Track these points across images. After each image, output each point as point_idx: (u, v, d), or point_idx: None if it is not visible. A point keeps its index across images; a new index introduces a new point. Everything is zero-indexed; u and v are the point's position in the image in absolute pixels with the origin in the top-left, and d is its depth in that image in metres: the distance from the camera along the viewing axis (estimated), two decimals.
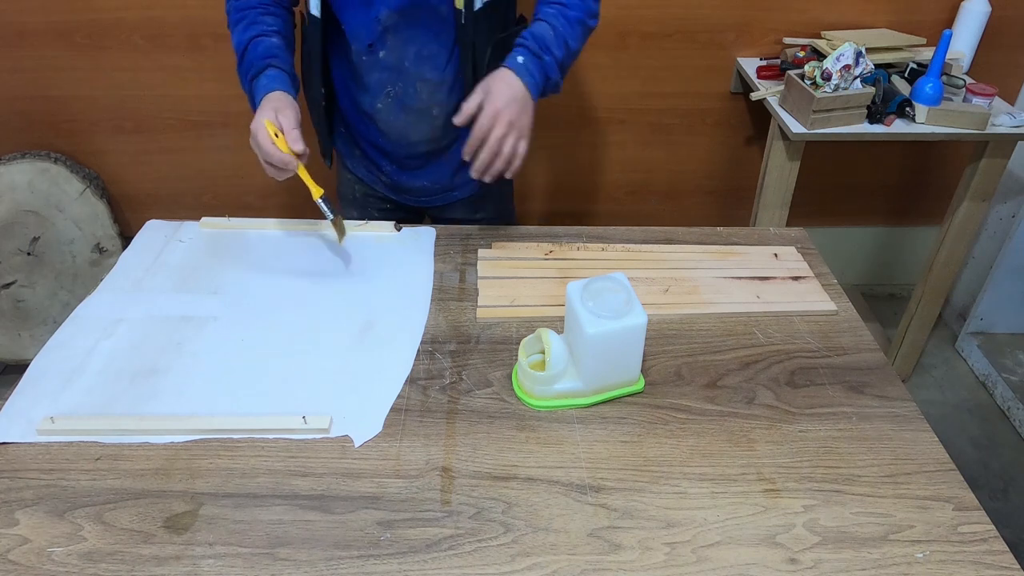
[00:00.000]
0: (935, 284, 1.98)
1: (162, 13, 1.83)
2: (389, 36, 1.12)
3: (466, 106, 1.03)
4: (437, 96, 1.19)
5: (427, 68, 1.15)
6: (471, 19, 1.10)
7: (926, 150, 2.22)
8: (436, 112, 1.21)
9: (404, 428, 0.85)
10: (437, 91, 1.18)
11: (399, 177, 1.32)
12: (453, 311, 1.03)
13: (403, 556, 0.71)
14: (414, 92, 1.18)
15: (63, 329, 0.98)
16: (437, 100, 1.19)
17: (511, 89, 1.03)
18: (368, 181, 1.37)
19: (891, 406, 0.90)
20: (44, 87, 1.94)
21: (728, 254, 1.16)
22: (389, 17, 1.09)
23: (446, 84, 1.18)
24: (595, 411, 0.88)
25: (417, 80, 1.16)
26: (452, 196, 1.35)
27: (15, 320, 2.07)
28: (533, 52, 1.06)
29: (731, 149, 2.17)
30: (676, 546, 0.72)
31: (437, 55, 1.15)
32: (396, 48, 1.13)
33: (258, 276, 1.09)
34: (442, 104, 1.20)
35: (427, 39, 1.13)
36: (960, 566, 0.71)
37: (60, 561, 0.70)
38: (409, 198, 1.36)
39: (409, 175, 1.31)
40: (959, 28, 1.85)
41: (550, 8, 1.11)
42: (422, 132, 1.24)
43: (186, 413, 0.85)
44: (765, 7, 1.90)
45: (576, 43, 1.11)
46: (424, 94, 1.18)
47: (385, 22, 1.10)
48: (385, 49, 1.13)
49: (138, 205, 2.18)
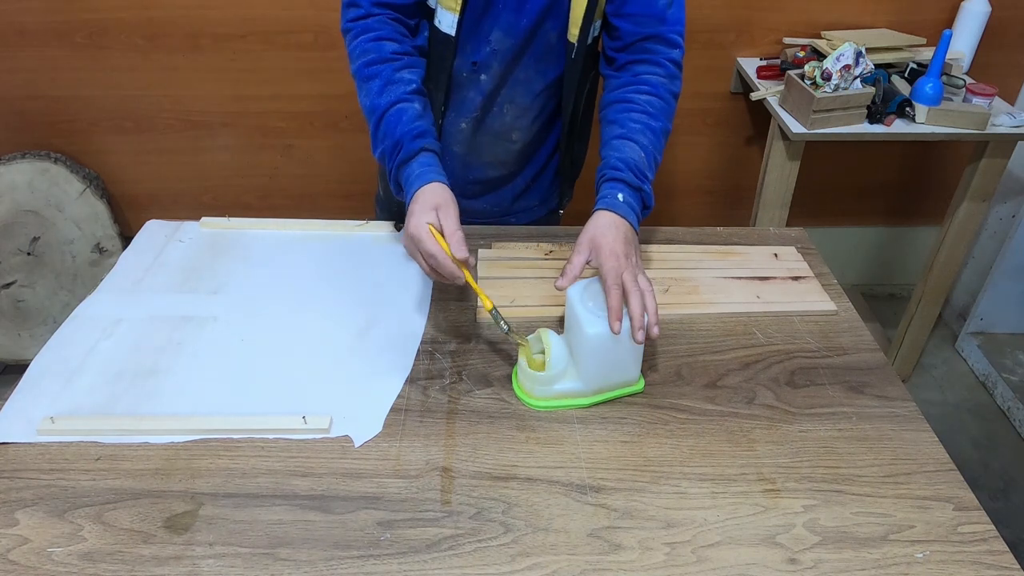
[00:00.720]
0: (935, 284, 1.98)
1: (162, 13, 1.83)
2: (495, 60, 1.08)
3: (570, 268, 0.90)
4: (521, 121, 1.16)
5: (519, 92, 1.12)
6: (581, 53, 1.07)
7: (926, 150, 2.22)
8: (515, 137, 1.18)
9: (404, 428, 0.85)
10: (523, 116, 1.15)
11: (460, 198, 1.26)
12: (453, 311, 1.03)
13: (403, 556, 0.71)
14: (500, 114, 1.14)
15: (63, 329, 0.98)
16: (520, 125, 1.16)
17: (618, 232, 0.90)
18: None
19: (891, 406, 0.90)
20: (44, 87, 1.94)
21: (728, 254, 1.16)
22: (501, 41, 1.06)
23: (533, 112, 1.15)
24: (595, 411, 0.88)
25: (506, 103, 1.13)
26: (507, 221, 1.32)
27: (15, 320, 2.07)
28: (632, 186, 0.96)
29: (731, 149, 2.17)
30: (676, 546, 0.72)
31: (534, 81, 1.11)
32: (498, 72, 1.09)
33: (258, 276, 1.08)
34: (523, 129, 1.17)
35: (530, 66, 1.10)
36: (960, 566, 0.71)
37: (60, 561, 0.69)
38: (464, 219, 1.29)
39: (468, 200, 1.25)
40: (959, 28, 1.85)
41: (634, 123, 1.00)
42: (496, 155, 1.20)
43: (186, 413, 0.85)
44: (765, 7, 1.90)
45: (661, 156, 1.04)
46: (509, 117, 1.15)
47: (495, 45, 1.06)
48: (487, 72, 1.09)
49: (138, 205, 2.18)
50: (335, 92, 1.99)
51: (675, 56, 1.06)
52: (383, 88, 0.98)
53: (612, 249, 0.88)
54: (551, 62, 1.10)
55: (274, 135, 2.07)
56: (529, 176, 1.28)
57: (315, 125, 2.06)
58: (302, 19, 1.87)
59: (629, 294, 0.84)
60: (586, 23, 1.04)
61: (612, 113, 1.04)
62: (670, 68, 1.05)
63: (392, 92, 0.98)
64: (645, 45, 1.05)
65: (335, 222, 1.21)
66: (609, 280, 0.85)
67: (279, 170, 2.14)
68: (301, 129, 2.07)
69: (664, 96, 1.04)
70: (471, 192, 1.26)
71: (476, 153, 1.20)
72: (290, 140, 2.09)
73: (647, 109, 1.02)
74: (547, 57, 1.09)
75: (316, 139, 2.09)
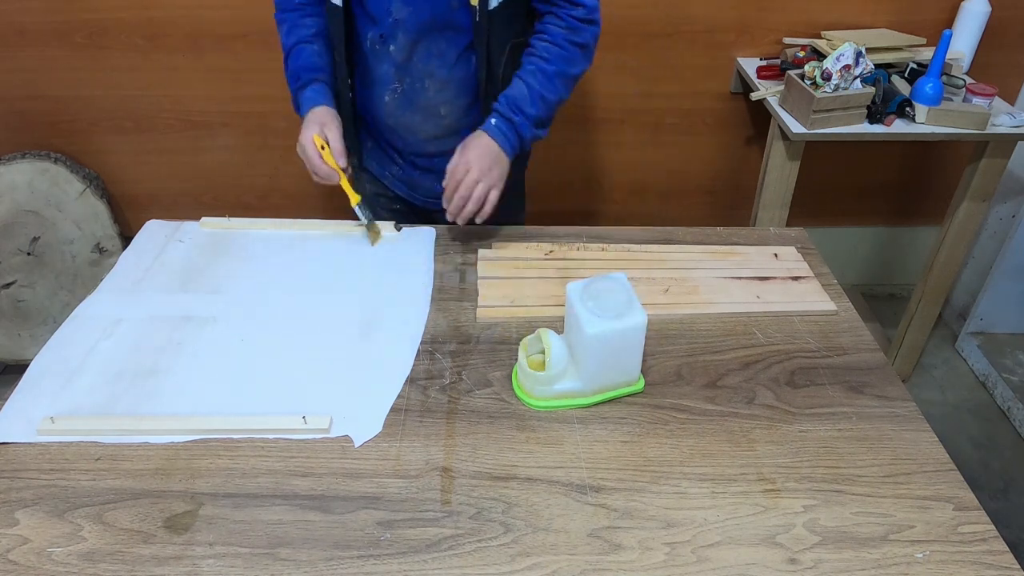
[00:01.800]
0: (935, 284, 1.98)
1: (162, 13, 1.83)
2: (400, 30, 1.12)
3: (449, 167, 1.11)
4: (444, 94, 1.19)
5: (436, 65, 1.16)
6: (486, 18, 1.10)
7: (926, 150, 2.22)
8: (444, 112, 1.21)
9: (404, 428, 0.85)
10: (445, 89, 1.18)
11: (411, 173, 1.33)
12: (453, 311, 1.03)
13: (403, 556, 0.71)
14: (422, 88, 1.18)
15: (63, 329, 0.98)
16: (444, 98, 1.20)
17: (484, 146, 1.11)
18: (380, 176, 1.37)
19: (891, 406, 0.90)
20: (44, 87, 1.94)
21: (728, 254, 1.16)
22: (400, 10, 1.10)
23: (454, 83, 1.18)
24: (595, 411, 0.88)
25: (425, 76, 1.17)
26: None
27: (15, 320, 2.07)
28: (504, 116, 1.13)
29: (731, 149, 2.17)
30: (676, 546, 0.72)
31: (446, 52, 1.15)
32: (406, 42, 1.13)
33: (258, 276, 1.09)
34: (449, 103, 1.20)
35: (438, 35, 1.13)
36: (960, 566, 0.71)
37: (60, 561, 0.69)
38: (418, 196, 1.36)
39: (420, 173, 1.32)
40: (959, 28, 1.85)
41: (530, 64, 1.15)
42: (429, 130, 1.24)
43: (186, 413, 0.85)
44: (765, 7, 1.90)
45: (556, 94, 1.16)
46: (432, 91, 1.18)
47: (396, 14, 1.11)
48: (395, 43, 1.14)
49: (138, 205, 2.18)
50: None
51: (576, 13, 1.13)
52: (289, 31, 1.19)
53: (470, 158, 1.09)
54: (460, 29, 1.13)
55: (274, 135, 2.07)
56: None
57: None
58: None
59: (460, 187, 1.07)
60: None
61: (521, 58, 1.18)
62: (571, 22, 1.14)
63: (295, 35, 1.19)
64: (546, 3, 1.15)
65: (335, 222, 1.21)
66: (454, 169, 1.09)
67: (279, 170, 2.14)
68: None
69: (561, 43, 1.14)
70: (421, 166, 1.31)
71: (410, 129, 1.25)
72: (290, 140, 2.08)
73: (543, 55, 1.14)
74: (453, 24, 1.12)
75: None
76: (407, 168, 1.32)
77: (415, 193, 1.36)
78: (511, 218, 1.42)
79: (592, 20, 1.14)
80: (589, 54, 1.18)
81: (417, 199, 1.36)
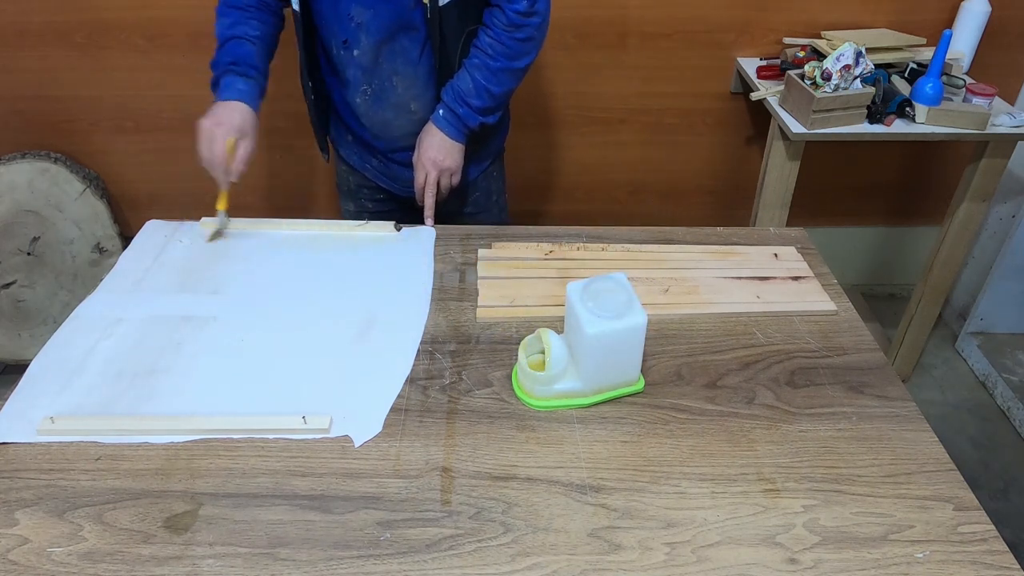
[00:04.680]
0: (935, 284, 1.98)
1: (162, 13, 1.83)
2: (362, 33, 1.15)
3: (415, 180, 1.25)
4: (413, 90, 1.23)
5: (400, 62, 1.19)
6: (436, 12, 1.12)
7: (926, 150, 2.22)
8: (415, 107, 1.25)
9: (404, 428, 0.85)
10: (412, 85, 1.22)
11: (390, 166, 1.36)
12: (453, 311, 1.03)
13: (403, 556, 0.71)
14: (391, 87, 1.21)
15: (63, 329, 0.98)
16: (413, 94, 1.23)
17: (434, 138, 1.22)
18: (360, 169, 1.40)
19: (891, 406, 0.90)
20: (44, 87, 1.94)
21: (728, 254, 1.16)
22: (360, 14, 1.13)
23: (420, 78, 1.21)
24: (595, 411, 0.88)
25: (392, 75, 1.20)
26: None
27: (15, 320, 2.07)
28: (450, 108, 1.20)
29: (731, 149, 2.17)
30: (676, 546, 0.72)
31: (409, 49, 1.18)
32: (370, 45, 1.16)
33: (258, 276, 1.08)
34: (419, 98, 1.24)
35: (397, 33, 1.15)
36: (960, 566, 0.71)
37: (60, 561, 0.69)
38: (398, 187, 1.39)
39: (399, 167, 1.35)
40: (959, 28, 1.85)
41: (476, 57, 1.19)
42: (403, 127, 1.27)
43: (186, 413, 0.85)
44: (765, 7, 1.90)
45: (501, 87, 1.21)
46: (400, 88, 1.22)
47: (357, 18, 1.13)
48: (359, 47, 1.17)
49: (138, 205, 2.17)
50: None
51: (518, 7, 1.15)
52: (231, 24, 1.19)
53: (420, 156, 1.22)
54: (418, 27, 1.16)
55: (274, 135, 2.07)
56: None
57: None
58: None
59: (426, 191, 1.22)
60: None
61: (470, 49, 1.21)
62: (513, 17, 1.16)
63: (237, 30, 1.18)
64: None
65: (335, 222, 1.21)
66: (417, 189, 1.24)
67: (279, 170, 2.14)
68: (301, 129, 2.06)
69: (502, 40, 1.17)
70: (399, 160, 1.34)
71: (386, 128, 1.28)
72: (290, 140, 2.09)
73: (487, 50, 1.18)
74: (411, 22, 1.15)
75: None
76: (386, 162, 1.36)
77: (395, 184, 1.39)
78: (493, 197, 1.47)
79: (533, 12, 1.16)
80: (535, 44, 1.21)
81: (398, 189, 1.40)
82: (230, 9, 1.20)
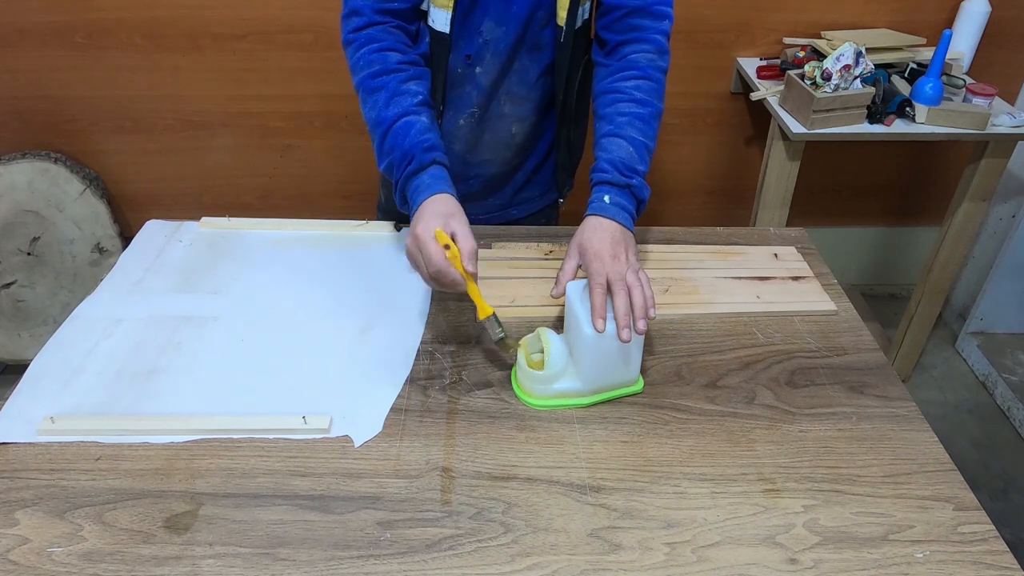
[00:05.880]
0: (935, 284, 1.98)
1: (162, 13, 1.83)
2: (488, 51, 1.07)
3: (562, 275, 0.92)
4: (520, 111, 1.15)
5: (516, 82, 1.12)
6: (570, 37, 1.07)
7: (926, 150, 2.22)
8: (515, 130, 1.17)
9: (404, 428, 0.85)
10: (521, 106, 1.15)
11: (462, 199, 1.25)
12: (453, 311, 1.03)
13: (403, 556, 0.71)
14: (498, 107, 1.14)
15: (63, 329, 0.98)
16: (519, 115, 1.16)
17: (603, 233, 0.91)
18: None
19: (891, 406, 0.90)
20: (44, 87, 1.94)
21: (728, 254, 1.16)
22: (492, 31, 1.06)
23: (532, 101, 1.15)
24: (595, 411, 0.88)
25: (504, 95, 1.13)
26: (510, 214, 1.32)
27: (15, 320, 2.07)
28: (620, 185, 0.95)
29: (731, 149, 2.17)
30: (676, 546, 0.72)
31: (528, 70, 1.11)
32: (493, 64, 1.09)
33: (258, 276, 1.08)
34: (523, 120, 1.17)
35: (523, 55, 1.09)
36: (960, 566, 0.71)
37: (60, 561, 0.69)
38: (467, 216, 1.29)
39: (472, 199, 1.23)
40: (959, 28, 1.85)
41: (622, 115, 0.99)
42: (496, 150, 1.20)
43: (186, 413, 0.85)
44: (765, 7, 1.90)
45: (655, 140, 1.01)
46: (508, 108, 1.14)
47: (487, 35, 1.06)
48: (482, 65, 1.09)
49: (138, 205, 2.18)
50: (335, 92, 1.99)
51: (664, 28, 1.05)
52: (389, 100, 0.96)
53: (597, 252, 0.89)
54: (543, 48, 1.10)
55: (274, 135, 2.07)
56: (530, 169, 1.27)
57: (315, 125, 2.06)
58: (302, 19, 1.87)
59: (615, 294, 0.84)
60: (573, 4, 1.04)
61: (602, 107, 1.04)
62: (659, 43, 1.04)
63: (399, 104, 0.96)
64: (633, 21, 1.04)
65: (335, 222, 1.21)
66: (592, 281, 0.87)
67: (279, 170, 2.14)
68: (301, 129, 2.07)
69: (653, 76, 1.03)
70: (473, 188, 1.25)
71: (477, 150, 1.20)
72: (290, 140, 2.09)
73: (635, 96, 1.01)
74: (539, 43, 1.09)
75: (316, 139, 2.09)
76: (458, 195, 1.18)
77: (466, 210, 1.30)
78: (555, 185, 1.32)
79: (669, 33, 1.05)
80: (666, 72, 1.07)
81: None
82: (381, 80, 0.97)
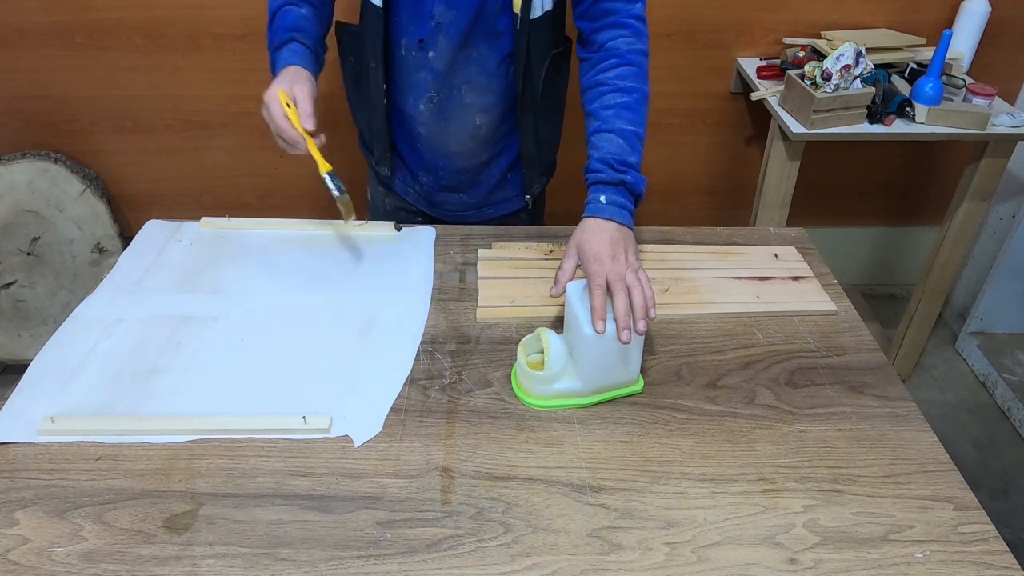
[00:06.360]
0: (935, 284, 1.98)
1: (162, 13, 1.83)
2: (441, 35, 1.07)
3: (561, 275, 0.91)
4: (483, 101, 1.14)
5: (475, 71, 1.11)
6: (527, 26, 1.06)
7: (926, 150, 2.22)
8: (479, 121, 1.17)
9: (404, 428, 0.85)
10: (483, 96, 1.14)
11: (434, 191, 1.28)
12: (453, 311, 1.03)
13: (403, 556, 0.71)
14: (459, 95, 1.13)
15: (63, 329, 0.98)
16: (482, 105, 1.15)
17: (602, 233, 0.91)
18: (401, 192, 1.32)
19: (891, 406, 0.90)
20: (44, 87, 1.94)
21: (728, 254, 1.16)
22: (444, 14, 1.05)
23: (493, 92, 1.14)
24: (595, 411, 0.88)
25: (464, 83, 1.12)
26: (487, 213, 1.32)
27: (15, 320, 2.07)
28: (613, 183, 0.95)
29: (731, 149, 2.17)
30: (676, 546, 0.72)
31: (487, 58, 1.10)
32: (446, 48, 1.08)
33: (258, 276, 1.08)
34: (486, 111, 1.16)
35: (479, 41, 1.08)
36: (960, 566, 0.71)
37: (60, 561, 0.69)
38: (442, 212, 1.31)
39: (444, 192, 1.27)
40: (959, 28, 1.85)
41: (607, 108, 0.99)
42: (462, 142, 1.19)
43: (186, 413, 0.85)
44: (765, 7, 1.90)
45: (645, 126, 1.00)
46: (468, 97, 1.13)
47: (438, 18, 1.06)
48: (435, 49, 1.08)
49: (138, 205, 2.18)
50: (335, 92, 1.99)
51: (637, 11, 1.04)
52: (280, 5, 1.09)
53: (596, 253, 0.89)
54: (501, 36, 1.09)
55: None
56: (504, 166, 1.27)
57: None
58: None
59: (614, 295, 0.84)
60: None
61: (588, 103, 1.04)
62: (635, 26, 1.03)
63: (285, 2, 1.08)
64: (605, 6, 1.04)
65: (335, 222, 1.21)
66: (592, 283, 0.86)
67: (279, 170, 2.14)
68: None
69: (634, 61, 1.02)
70: (443, 179, 1.26)
71: (442, 139, 1.19)
72: None
73: (618, 85, 1.00)
74: (496, 30, 1.08)
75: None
76: (431, 185, 1.27)
77: (441, 210, 1.31)
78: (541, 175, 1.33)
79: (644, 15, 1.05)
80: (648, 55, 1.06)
81: (439, 213, 1.32)
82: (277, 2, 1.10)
